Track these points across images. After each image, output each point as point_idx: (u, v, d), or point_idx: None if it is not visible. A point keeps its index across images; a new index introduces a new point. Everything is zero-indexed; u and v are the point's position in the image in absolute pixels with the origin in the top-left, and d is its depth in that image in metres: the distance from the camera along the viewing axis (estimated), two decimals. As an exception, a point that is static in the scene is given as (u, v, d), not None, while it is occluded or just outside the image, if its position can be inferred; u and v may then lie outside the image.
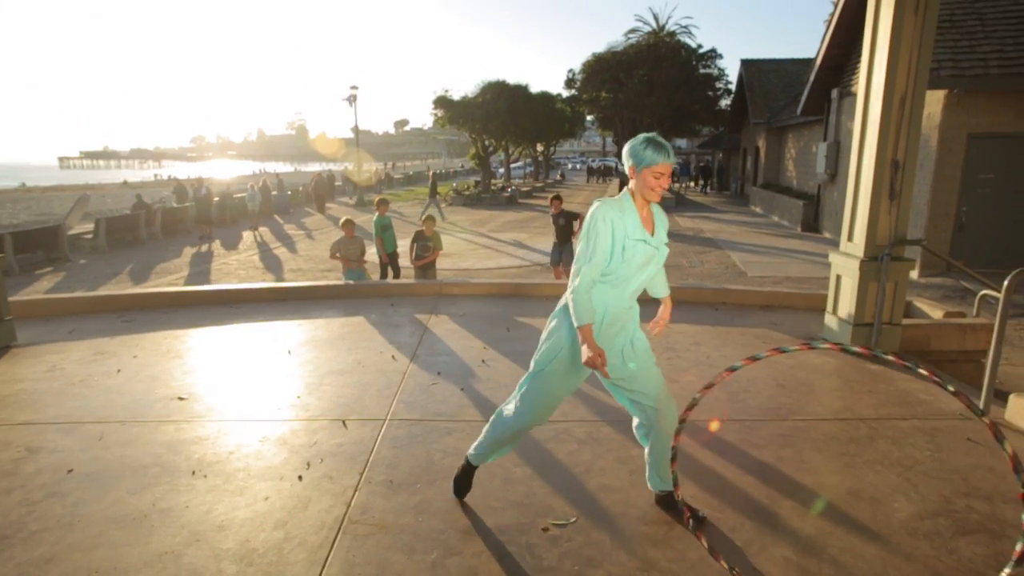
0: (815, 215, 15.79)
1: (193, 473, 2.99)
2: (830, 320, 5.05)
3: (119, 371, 4.45)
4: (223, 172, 65.28)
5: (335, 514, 2.64)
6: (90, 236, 15.17)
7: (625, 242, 2.31)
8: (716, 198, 28.71)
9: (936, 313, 5.40)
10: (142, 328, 5.55)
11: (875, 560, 2.33)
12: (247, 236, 17.31)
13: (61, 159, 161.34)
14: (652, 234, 2.40)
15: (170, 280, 11.37)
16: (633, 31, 27.78)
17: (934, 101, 9.29)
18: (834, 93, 14.17)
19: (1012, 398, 3.54)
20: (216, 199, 19.51)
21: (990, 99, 9.08)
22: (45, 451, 3.26)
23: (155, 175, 67.62)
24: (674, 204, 23.66)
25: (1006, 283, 3.43)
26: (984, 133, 9.21)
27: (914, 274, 9.44)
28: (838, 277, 4.95)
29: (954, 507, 2.67)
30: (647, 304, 2.78)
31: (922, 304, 5.71)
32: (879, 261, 4.58)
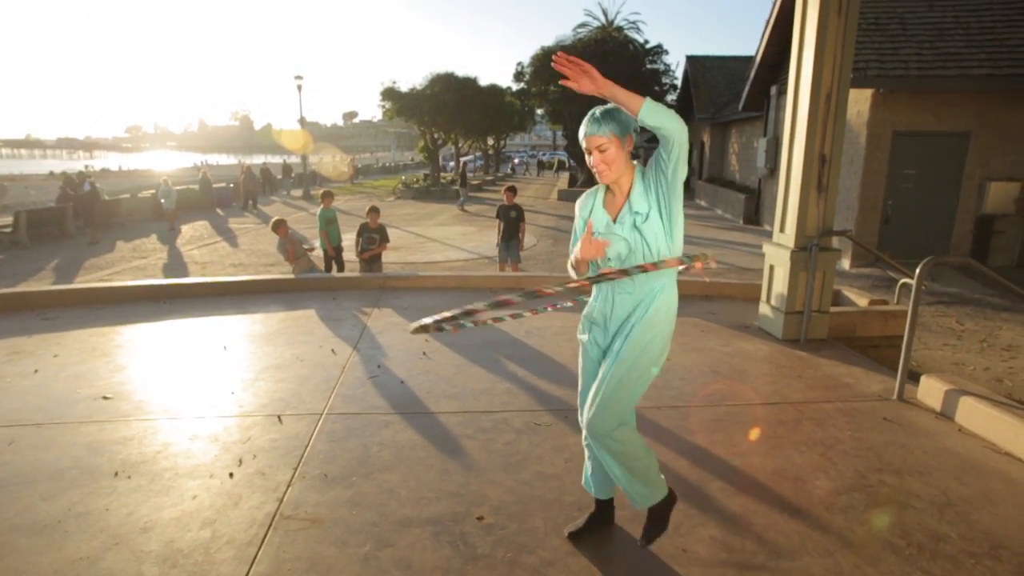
0: (756, 208, 16.33)
1: (116, 474, 2.86)
2: (764, 309, 5.24)
3: (36, 371, 4.21)
4: (162, 164, 62.45)
5: (266, 510, 2.58)
6: (8, 230, 14.25)
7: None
8: (663, 192, 29.30)
9: (862, 301, 5.68)
10: (64, 326, 5.26)
11: (795, 535, 2.44)
12: (141, 243, 14.43)
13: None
14: (615, 220, 2.13)
15: (101, 277, 10.82)
16: (582, 26, 27.95)
17: (863, 99, 9.73)
18: (773, 90, 14.67)
19: (923, 379, 3.76)
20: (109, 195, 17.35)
21: (911, 99, 9.57)
22: (-50, 457, 3.05)
23: (86, 166, 64.13)
24: (622, 198, 23.93)
25: (917, 271, 3.63)
26: (906, 131, 9.71)
27: (846, 264, 9.90)
28: (771, 267, 5.14)
29: (868, 482, 2.82)
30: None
31: (850, 293, 5.98)
32: (808, 251, 4.77)
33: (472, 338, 4.85)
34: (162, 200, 16.96)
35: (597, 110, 2.09)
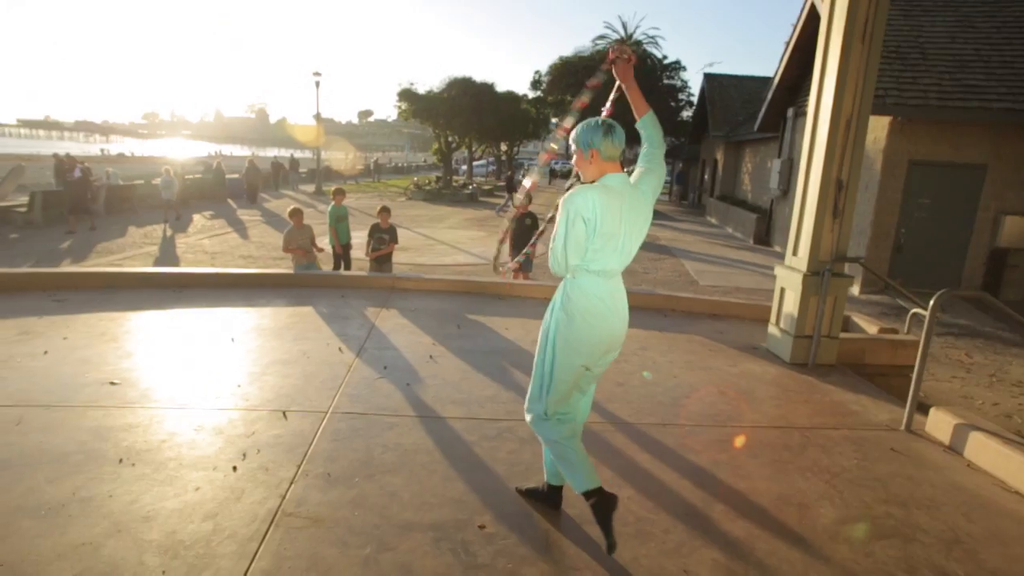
0: (767, 229, 16.30)
1: (120, 461, 2.87)
2: (773, 331, 5.22)
3: (46, 353, 4.23)
4: (177, 151, 62.83)
5: (268, 506, 2.58)
6: (24, 210, 14.37)
7: None
8: (674, 207, 29.33)
9: (871, 328, 5.65)
10: (75, 309, 5.29)
11: (798, 563, 2.42)
12: (153, 230, 14.37)
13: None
14: None
15: (112, 260, 10.88)
16: (601, 37, 28.07)
17: (880, 127, 9.71)
18: (789, 112, 14.67)
19: (932, 411, 3.73)
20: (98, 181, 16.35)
21: (930, 128, 9.55)
22: (-43, 434, 3.07)
23: (102, 150, 64.59)
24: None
25: (932, 302, 3.61)
26: (923, 160, 9.68)
27: (855, 290, 9.85)
28: (782, 290, 5.12)
29: (873, 513, 2.80)
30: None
31: (859, 319, 5.96)
32: (820, 276, 4.76)
33: (479, 344, 4.84)
34: (163, 190, 16.13)
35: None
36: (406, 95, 29.61)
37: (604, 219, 2.29)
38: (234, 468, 2.86)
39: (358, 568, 2.24)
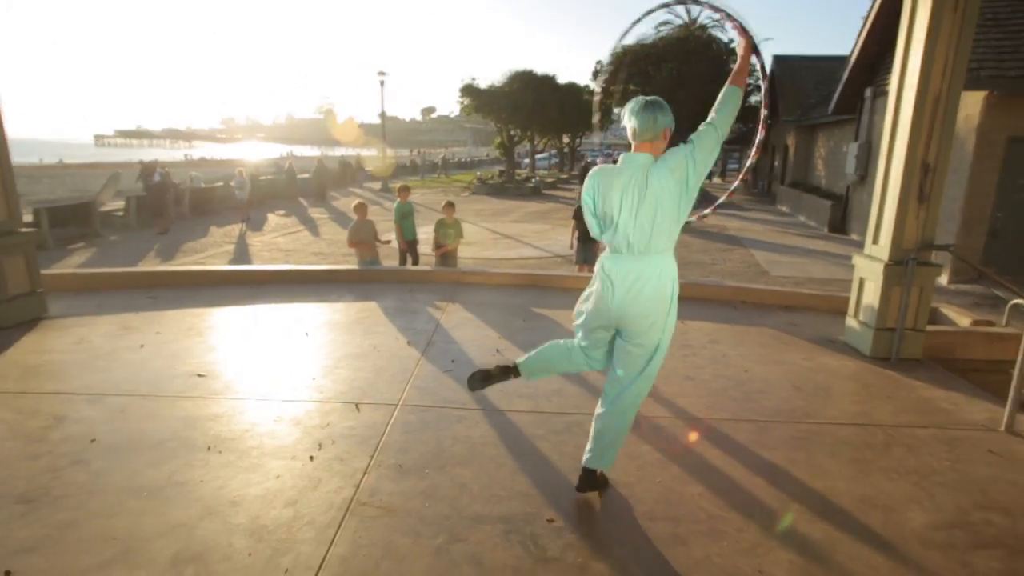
0: (843, 216, 15.48)
1: (208, 449, 3.06)
2: (851, 323, 4.96)
3: (142, 346, 4.55)
4: (252, 154, 66.05)
5: (344, 495, 2.68)
6: (121, 214, 15.49)
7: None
8: (743, 196, 28.30)
9: (963, 320, 5.28)
10: (166, 305, 5.66)
11: (884, 569, 2.30)
12: (232, 229, 15.09)
13: (97, 137, 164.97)
14: None
15: (196, 259, 11.58)
16: (664, 24, 27.38)
17: (972, 103, 9.02)
18: (868, 92, 13.85)
19: (1037, 411, 3.45)
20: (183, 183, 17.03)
21: (1032, 102, 8.79)
22: (71, 420, 3.35)
23: (185, 155, 68.77)
24: (700, 200, 23.30)
25: (1036, 292, 3.33)
26: (1024, 137, 8.92)
27: (943, 279, 9.22)
28: (861, 280, 4.86)
29: (971, 519, 2.62)
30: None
31: (949, 311, 5.58)
32: (904, 265, 4.48)
33: (545, 338, 4.82)
34: (237, 191, 16.94)
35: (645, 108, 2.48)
36: (468, 90, 29.90)
37: (603, 199, 2.48)
38: (311, 457, 2.99)
39: (430, 558, 2.31)
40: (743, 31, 2.64)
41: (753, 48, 2.66)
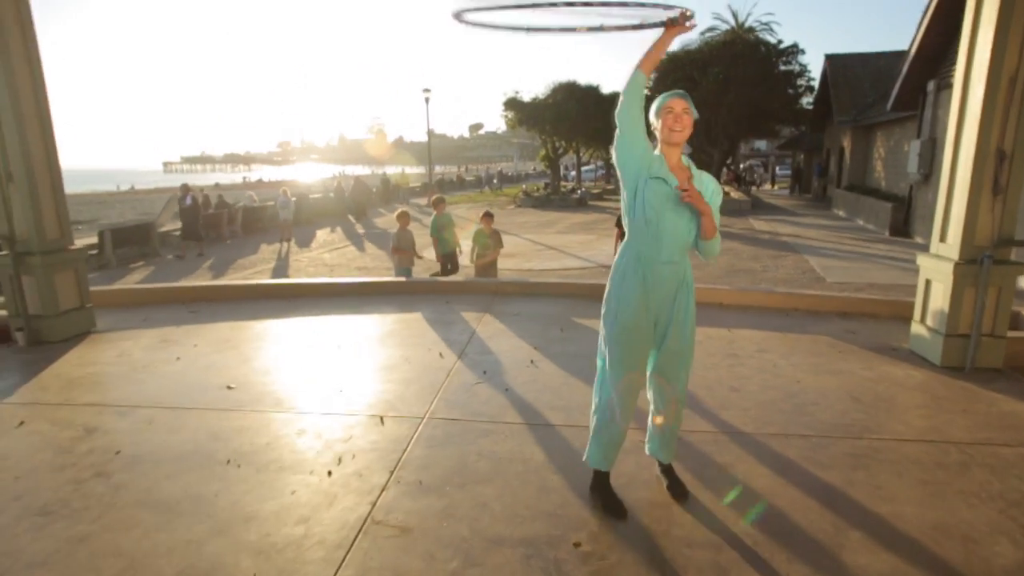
0: (906, 218, 14.62)
1: (228, 462, 2.99)
2: (917, 329, 4.55)
3: (178, 359, 4.58)
4: (306, 175, 68.38)
5: (359, 513, 2.55)
6: (179, 233, 16.12)
7: (642, 178, 2.35)
8: (796, 201, 27.27)
9: (1049, 326, 4.77)
10: (206, 319, 5.74)
11: (962, 608, 1.99)
12: (265, 249, 14.98)
13: (165, 164, 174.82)
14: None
15: (245, 275, 11.88)
16: (710, 30, 26.80)
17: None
18: (930, 86, 13.07)
19: None
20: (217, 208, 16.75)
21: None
22: (100, 431, 3.36)
23: (244, 178, 71.95)
24: (750, 207, 22.63)
25: None
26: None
27: (1021, 282, 8.49)
28: (928, 282, 4.45)
29: (1066, 552, 2.26)
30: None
31: (1031, 315, 5.06)
32: (979, 264, 4.07)
33: (582, 349, 4.64)
34: (281, 211, 16.66)
35: (682, 91, 2.38)
36: (512, 104, 30.03)
37: None
38: (329, 473, 2.87)
39: (443, 583, 2.13)
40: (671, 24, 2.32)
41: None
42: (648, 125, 2.38)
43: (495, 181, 44.91)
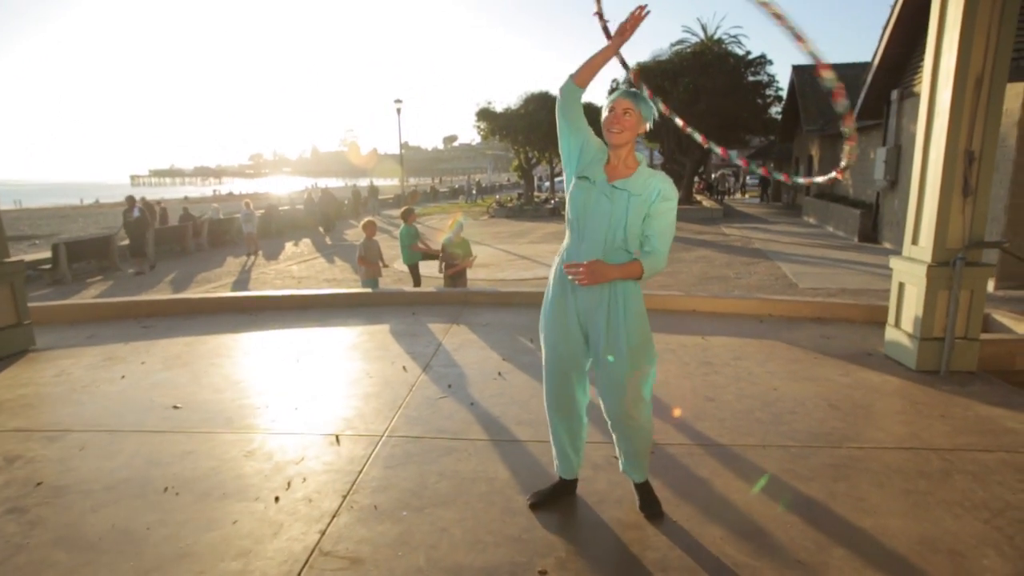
0: (874, 224, 14.83)
1: (165, 490, 2.73)
2: (892, 334, 4.48)
3: (123, 377, 4.29)
4: (279, 188, 67.47)
5: (305, 543, 2.32)
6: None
7: (572, 177, 2.31)
8: (767, 209, 27.64)
9: (1021, 328, 4.74)
10: (157, 335, 5.43)
11: (955, 632, 1.85)
12: (232, 262, 14.56)
13: (132, 177, 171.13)
14: (609, 181, 2.24)
15: (208, 289, 11.48)
16: (680, 42, 27.08)
17: (1013, 96, 8.48)
18: (894, 95, 13.32)
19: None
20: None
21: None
22: (22, 460, 3.07)
23: (214, 191, 70.74)
24: (722, 215, 22.83)
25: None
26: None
27: (989, 286, 8.59)
28: (901, 285, 4.39)
29: (1059, 565, 2.14)
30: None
31: (1003, 317, 5.04)
32: (951, 266, 4.01)
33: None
34: (244, 224, 15.98)
35: (633, 90, 2.28)
36: (484, 114, 29.96)
37: None
38: (276, 499, 2.64)
39: (395, 622, 1.92)
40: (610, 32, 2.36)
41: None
42: (585, 128, 2.35)
43: (474, 192, 44.89)
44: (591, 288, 2.22)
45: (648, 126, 2.29)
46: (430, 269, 8.59)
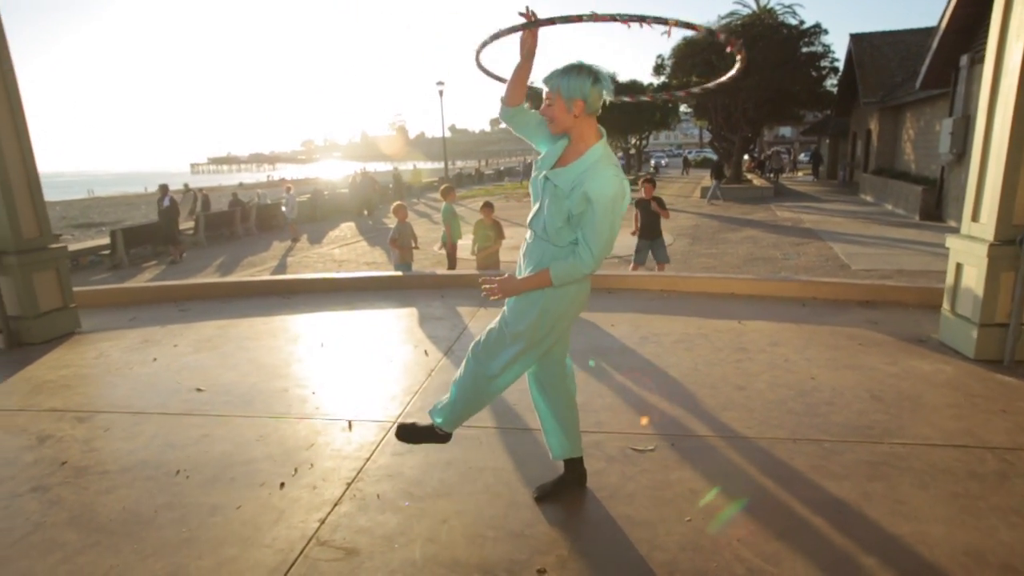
0: (937, 201, 13.93)
1: (177, 473, 2.75)
2: (948, 319, 4.13)
3: (155, 360, 4.38)
4: (329, 172, 68.89)
5: (304, 532, 2.28)
6: (192, 232, 16.14)
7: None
8: (821, 187, 26.40)
9: (1095, 313, 4.30)
10: (193, 318, 5.54)
11: (998, 657, 1.64)
12: (277, 247, 14.69)
13: (192, 165, 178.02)
14: (552, 167, 2.16)
15: (253, 272, 11.77)
16: (731, 14, 25.93)
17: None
18: (963, 60, 12.37)
19: None
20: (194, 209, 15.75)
21: None
22: (53, 440, 3.15)
23: (268, 176, 72.77)
24: (773, 194, 21.93)
25: None
26: None
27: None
28: (958, 266, 4.03)
29: None
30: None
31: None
32: (1017, 245, 3.64)
33: (578, 343, 4.32)
34: (283, 208, 16.01)
35: (550, 72, 2.12)
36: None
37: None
38: (281, 485, 2.61)
39: (383, 619, 1.85)
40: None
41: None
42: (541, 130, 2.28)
43: (521, 172, 44.33)
44: (523, 258, 2.26)
45: (585, 95, 2.05)
46: (463, 252, 8.53)
